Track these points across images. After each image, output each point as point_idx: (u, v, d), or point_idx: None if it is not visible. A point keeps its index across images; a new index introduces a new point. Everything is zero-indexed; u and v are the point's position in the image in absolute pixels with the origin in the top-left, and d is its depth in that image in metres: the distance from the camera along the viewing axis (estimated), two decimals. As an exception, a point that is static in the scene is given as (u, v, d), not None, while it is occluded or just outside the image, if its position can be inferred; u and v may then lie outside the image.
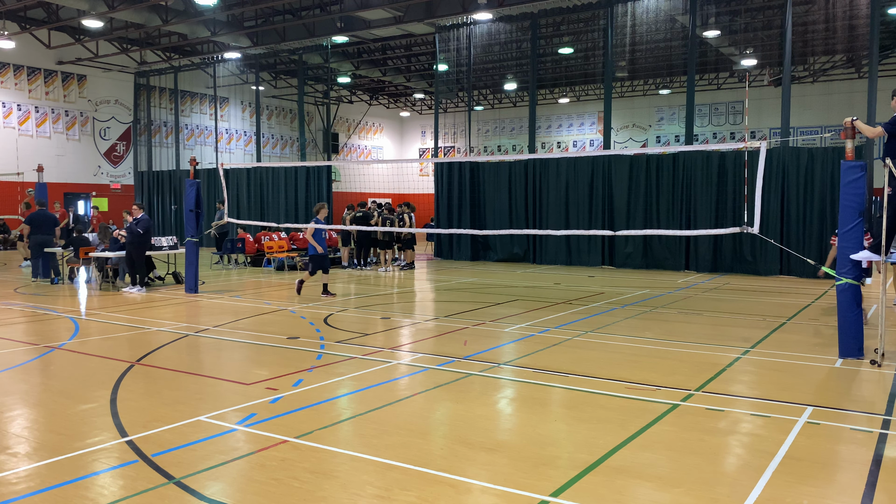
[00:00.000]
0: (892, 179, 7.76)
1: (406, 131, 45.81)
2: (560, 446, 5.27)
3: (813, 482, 4.58)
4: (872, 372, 7.51)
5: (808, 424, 5.70)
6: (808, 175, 17.05)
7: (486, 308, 12.18)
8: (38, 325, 10.74)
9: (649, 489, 4.48)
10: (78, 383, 7.12)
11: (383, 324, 10.85)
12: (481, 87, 36.68)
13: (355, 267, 19.51)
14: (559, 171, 20.78)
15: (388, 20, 23.44)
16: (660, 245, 19.15)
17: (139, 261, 14.48)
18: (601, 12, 21.80)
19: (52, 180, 25.51)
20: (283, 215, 26.69)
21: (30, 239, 16.39)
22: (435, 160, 27.65)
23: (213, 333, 9.85)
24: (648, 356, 8.37)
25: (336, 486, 4.49)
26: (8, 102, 26.91)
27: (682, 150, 19.98)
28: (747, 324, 10.32)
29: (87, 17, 22.67)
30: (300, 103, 29.22)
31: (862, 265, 8.06)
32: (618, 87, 34.83)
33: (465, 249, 22.64)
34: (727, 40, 26.33)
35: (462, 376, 7.36)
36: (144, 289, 14.39)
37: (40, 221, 16.41)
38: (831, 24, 22.79)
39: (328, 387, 6.94)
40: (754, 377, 7.51)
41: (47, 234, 16.42)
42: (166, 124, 32.45)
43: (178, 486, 4.49)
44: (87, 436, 5.45)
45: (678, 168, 18.95)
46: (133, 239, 14.30)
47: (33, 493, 4.39)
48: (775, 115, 21.29)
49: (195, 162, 14.60)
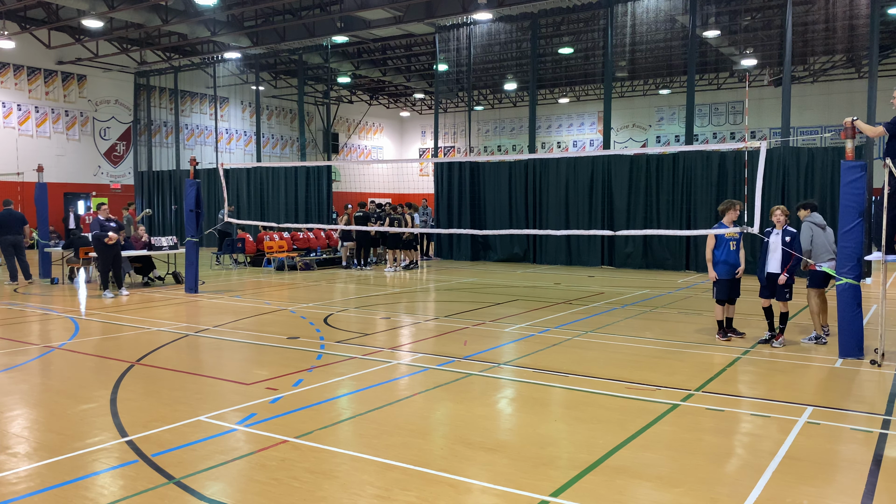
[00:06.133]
0: (893, 179, 7.76)
1: (406, 131, 45.81)
2: (560, 446, 5.27)
3: (813, 482, 4.58)
4: (872, 372, 7.51)
5: (808, 424, 5.70)
6: (808, 175, 17.05)
7: (486, 308, 12.18)
8: (38, 325, 10.74)
9: (649, 489, 4.48)
10: (78, 383, 7.12)
11: (383, 324, 10.85)
12: (481, 87, 36.68)
13: (355, 267, 19.52)
14: (559, 171, 20.78)
15: (388, 20, 23.44)
16: (660, 245, 19.15)
17: (105, 262, 13.86)
18: (601, 12, 21.79)
19: (52, 180, 25.51)
20: (283, 215, 26.69)
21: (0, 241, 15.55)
22: (435, 160, 27.65)
23: (213, 333, 9.85)
24: (648, 356, 8.37)
25: (336, 486, 4.49)
26: (8, 102, 26.91)
27: (682, 150, 19.97)
28: (747, 324, 10.31)
29: (87, 17, 22.66)
30: (300, 103, 29.22)
31: (861, 265, 8.08)
32: (618, 87, 34.82)
33: (465, 249, 22.65)
34: (727, 40, 26.32)
35: (462, 376, 7.36)
36: (110, 292, 13.69)
37: (7, 221, 15.58)
38: (831, 24, 22.78)
39: (328, 387, 6.94)
40: (754, 377, 7.51)
41: (17, 233, 15.60)
42: (166, 124, 32.45)
43: (178, 486, 4.49)
44: (87, 436, 5.45)
45: (678, 168, 18.94)
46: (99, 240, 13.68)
47: (33, 493, 4.39)
48: (775, 115, 21.31)
49: (195, 162, 14.59)
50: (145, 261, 15.85)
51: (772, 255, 8.83)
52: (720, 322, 9.34)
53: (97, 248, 13.83)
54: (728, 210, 9.21)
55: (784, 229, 8.79)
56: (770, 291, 8.86)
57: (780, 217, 8.83)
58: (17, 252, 15.66)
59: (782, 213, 8.85)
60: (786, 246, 8.69)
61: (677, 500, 4.31)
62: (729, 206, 9.22)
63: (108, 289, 13.79)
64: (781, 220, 8.83)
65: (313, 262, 19.72)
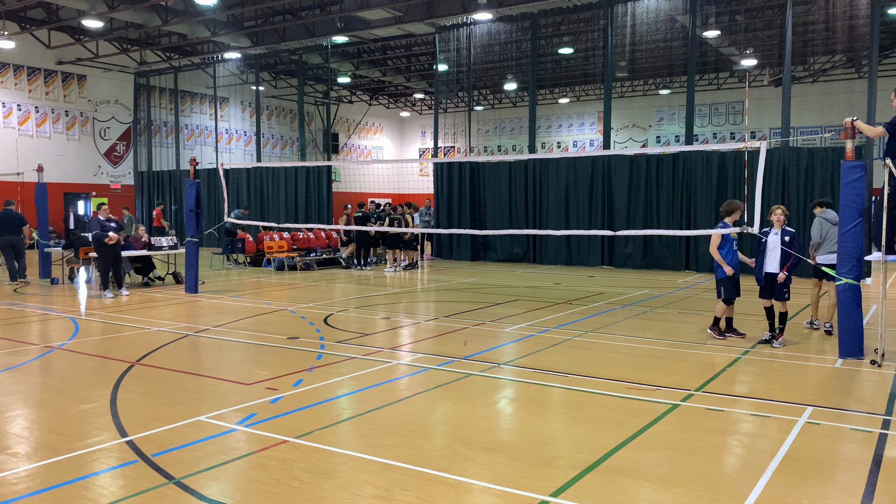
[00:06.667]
0: (893, 179, 7.77)
1: (406, 131, 45.80)
2: (560, 446, 5.27)
3: (813, 482, 4.58)
4: (872, 372, 7.51)
5: (808, 424, 5.70)
6: (808, 175, 17.05)
7: (486, 308, 12.18)
8: (38, 325, 10.74)
9: (649, 489, 4.48)
10: (78, 383, 7.12)
11: (383, 324, 10.85)
12: (481, 87, 36.67)
13: (355, 267, 19.52)
14: (559, 171, 20.78)
15: (388, 20, 23.44)
16: (660, 245, 19.15)
17: (105, 263, 13.84)
18: (601, 12, 21.79)
19: (52, 180, 25.49)
20: (283, 215, 26.70)
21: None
22: (435, 160, 27.65)
23: (213, 333, 9.85)
24: (648, 356, 8.37)
25: (336, 486, 4.49)
26: (8, 102, 26.90)
27: (682, 150, 19.98)
28: (747, 324, 10.31)
29: (87, 17, 22.66)
30: (300, 103, 29.22)
31: (861, 265, 8.09)
32: (618, 87, 34.82)
33: (465, 249, 22.64)
34: (727, 40, 26.32)
35: (462, 376, 7.36)
36: (110, 292, 13.70)
37: (6, 222, 15.53)
38: (831, 24, 22.78)
39: (328, 387, 6.94)
40: (754, 377, 7.51)
41: (15, 234, 15.57)
42: (166, 124, 32.45)
43: (178, 486, 4.49)
44: (87, 436, 5.45)
45: (678, 168, 18.94)
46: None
47: (33, 493, 4.39)
48: (775, 115, 21.29)
49: (195, 162, 14.59)
50: (145, 261, 15.85)
51: (770, 254, 8.84)
52: (719, 320, 9.36)
53: (97, 248, 13.83)
54: (734, 211, 9.24)
55: (783, 229, 8.80)
56: (769, 291, 8.86)
57: (779, 216, 8.84)
58: (14, 252, 15.63)
59: (783, 213, 8.86)
60: (785, 245, 8.70)
61: (677, 500, 4.31)
62: (735, 206, 9.26)
63: (108, 289, 13.79)
64: (781, 220, 8.83)
65: (313, 262, 19.72)
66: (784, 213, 8.88)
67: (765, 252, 8.89)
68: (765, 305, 9.01)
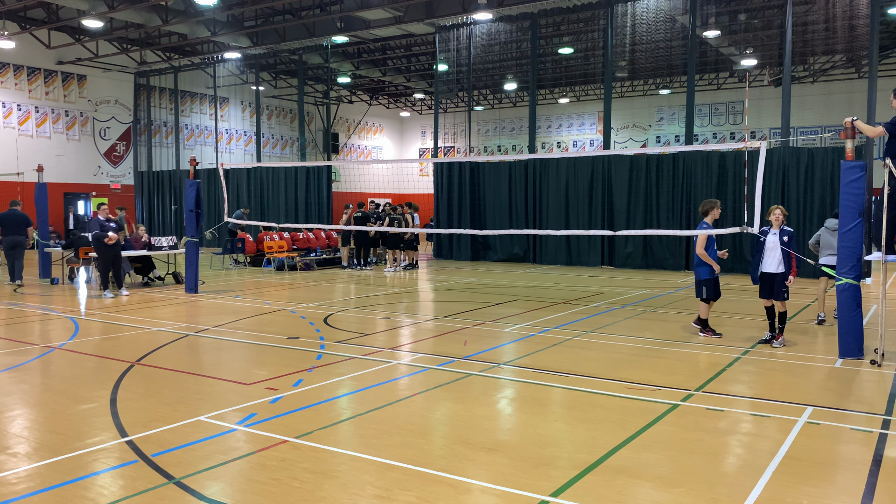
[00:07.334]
0: (893, 179, 7.77)
1: (406, 131, 45.80)
2: (560, 446, 5.27)
3: (813, 482, 4.58)
4: (872, 372, 7.51)
5: (808, 424, 5.70)
6: (808, 175, 17.05)
7: (486, 308, 12.18)
8: (38, 325, 10.74)
9: (649, 489, 4.48)
10: (78, 383, 7.12)
11: (383, 324, 10.85)
12: (481, 87, 36.67)
13: (355, 267, 19.52)
14: (559, 171, 20.78)
15: (388, 20, 23.44)
16: (660, 245, 19.15)
17: (105, 262, 13.82)
18: (601, 12, 21.80)
19: (52, 180, 25.51)
20: (283, 215, 26.69)
21: (3, 240, 15.47)
22: (435, 160, 27.65)
23: (213, 333, 9.85)
24: (648, 356, 8.37)
25: (336, 486, 4.49)
26: (8, 102, 26.91)
27: (682, 150, 19.98)
28: (747, 324, 10.31)
29: (87, 17, 22.66)
30: (300, 103, 29.21)
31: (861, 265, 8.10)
32: (618, 87, 34.82)
33: (465, 249, 22.65)
34: (727, 40, 26.32)
35: (462, 376, 7.36)
36: (110, 292, 13.66)
37: (11, 221, 15.55)
38: (831, 24, 22.78)
39: (328, 387, 6.94)
40: (754, 377, 7.51)
41: (20, 234, 15.55)
42: (166, 124, 32.45)
43: (178, 486, 4.49)
44: (87, 436, 5.45)
45: (678, 168, 18.95)
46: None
47: (33, 493, 4.39)
48: (775, 115, 21.30)
49: (195, 162, 14.59)
50: (145, 261, 15.85)
51: (769, 254, 8.84)
52: (706, 320, 9.41)
53: (97, 248, 13.83)
54: (711, 210, 9.35)
55: (782, 229, 8.80)
56: (769, 291, 8.86)
57: (778, 216, 8.84)
58: (14, 253, 15.61)
59: (781, 213, 8.86)
60: (784, 245, 8.70)
61: (677, 500, 4.31)
62: (711, 205, 9.39)
63: (108, 289, 13.79)
64: (780, 220, 8.84)
65: (313, 262, 19.72)
66: (783, 213, 8.89)
67: (763, 251, 8.89)
68: (765, 305, 9.01)
